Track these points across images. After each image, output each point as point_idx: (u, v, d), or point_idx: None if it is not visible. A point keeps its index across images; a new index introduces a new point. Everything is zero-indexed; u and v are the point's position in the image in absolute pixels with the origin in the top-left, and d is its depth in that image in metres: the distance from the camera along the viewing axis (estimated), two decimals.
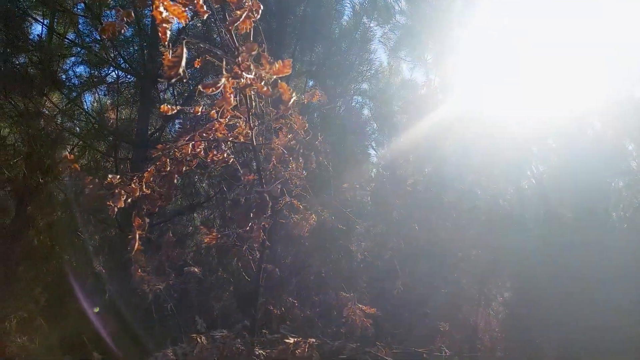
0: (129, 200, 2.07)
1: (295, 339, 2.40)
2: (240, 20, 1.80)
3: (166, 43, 1.65)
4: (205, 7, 1.74)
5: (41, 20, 6.23)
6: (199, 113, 2.35)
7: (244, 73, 1.57)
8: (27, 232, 5.73)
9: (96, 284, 4.89)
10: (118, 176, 2.04)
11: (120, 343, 4.14)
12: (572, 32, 5.49)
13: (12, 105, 5.86)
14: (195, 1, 1.59)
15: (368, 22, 6.48)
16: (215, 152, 2.45)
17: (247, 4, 1.78)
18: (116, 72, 6.30)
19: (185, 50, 1.42)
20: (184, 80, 1.42)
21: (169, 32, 1.65)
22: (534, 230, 4.19)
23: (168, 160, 2.21)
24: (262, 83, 1.62)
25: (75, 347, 4.20)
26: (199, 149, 2.46)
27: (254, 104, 2.23)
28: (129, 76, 6.42)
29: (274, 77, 1.61)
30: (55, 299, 4.64)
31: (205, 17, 1.82)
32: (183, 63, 1.42)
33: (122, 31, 1.93)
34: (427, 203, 4.39)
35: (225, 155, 2.35)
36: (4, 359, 4.04)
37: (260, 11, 1.84)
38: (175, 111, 2.00)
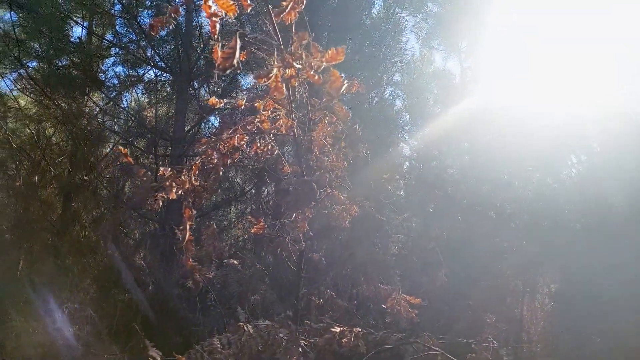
0: (180, 192, 2.13)
1: (341, 328, 2.42)
2: (286, 11, 1.82)
3: (216, 36, 1.68)
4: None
5: (81, 23, 6.46)
6: (242, 106, 2.39)
7: (294, 62, 1.59)
8: (73, 227, 5.99)
9: (140, 276, 5.06)
10: (169, 169, 2.10)
11: (165, 332, 4.28)
12: (614, 22, 5.28)
13: (56, 105, 6.12)
14: None
15: (399, 12, 6.41)
16: (258, 145, 2.48)
17: None
18: (153, 70, 6.48)
19: (238, 41, 1.45)
20: (238, 71, 1.45)
21: (218, 26, 1.69)
22: (582, 220, 4.05)
23: (215, 153, 2.26)
24: (312, 72, 1.64)
25: (122, 336, 4.36)
26: (242, 142, 2.50)
27: (297, 95, 2.25)
28: (164, 74, 6.59)
29: (324, 65, 1.62)
30: (103, 290, 4.83)
31: (248, 10, 1.84)
32: (237, 54, 1.44)
33: (167, 27, 1.99)
34: (466, 194, 4.31)
35: (270, 147, 2.38)
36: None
37: (305, 1, 1.84)
38: (222, 104, 2.04)
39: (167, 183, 2.08)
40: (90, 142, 6.09)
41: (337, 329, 2.42)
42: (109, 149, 6.93)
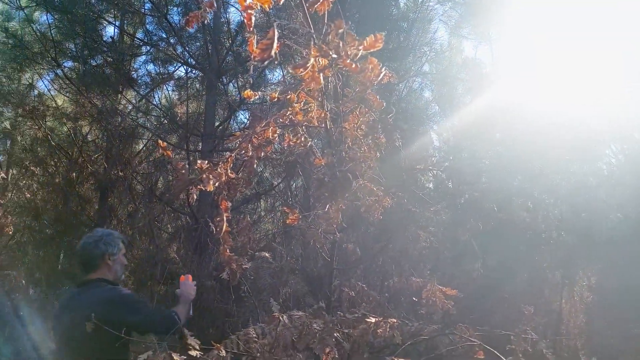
0: (216, 184, 2.17)
1: (376, 319, 2.41)
2: (320, 1, 1.81)
3: (251, 29, 1.70)
4: None
5: (113, 22, 6.63)
6: (276, 99, 2.40)
7: (331, 51, 1.58)
8: (110, 221, 6.19)
9: (174, 269, 5.19)
10: (207, 161, 2.14)
11: (200, 323, 4.38)
12: None
13: (91, 104, 6.31)
14: None
15: (428, 1, 6.29)
16: (291, 137, 2.49)
17: None
18: (183, 67, 6.59)
19: (276, 32, 1.45)
20: (275, 62, 1.47)
21: (253, 19, 1.70)
22: (622, 210, 3.90)
23: (249, 145, 2.28)
24: (349, 60, 1.63)
25: None
26: (275, 135, 2.52)
27: (329, 86, 2.24)
28: (194, 71, 6.70)
29: (361, 53, 1.61)
30: (140, 283, 4.98)
31: (281, 3, 1.84)
32: (275, 45, 1.45)
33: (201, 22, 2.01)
34: (500, 185, 4.21)
35: (302, 138, 2.39)
36: None
37: None
38: (257, 96, 2.06)
39: (205, 175, 2.12)
40: (124, 138, 6.25)
41: (373, 320, 2.41)
42: (142, 145, 7.12)
